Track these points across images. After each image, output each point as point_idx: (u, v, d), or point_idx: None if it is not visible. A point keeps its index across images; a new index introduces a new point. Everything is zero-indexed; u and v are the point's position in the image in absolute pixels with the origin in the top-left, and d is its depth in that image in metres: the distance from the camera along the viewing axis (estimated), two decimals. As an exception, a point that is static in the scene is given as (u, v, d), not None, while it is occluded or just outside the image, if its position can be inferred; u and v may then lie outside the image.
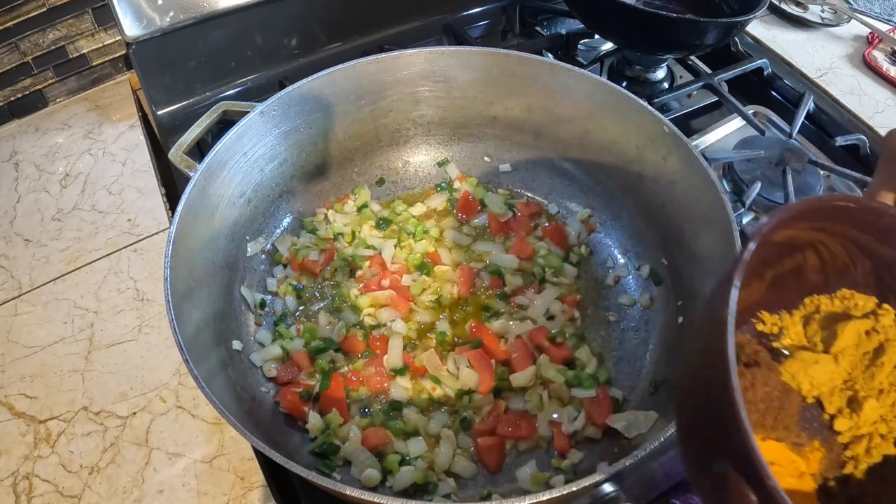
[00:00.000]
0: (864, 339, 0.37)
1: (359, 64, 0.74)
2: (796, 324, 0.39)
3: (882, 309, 0.37)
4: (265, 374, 0.67)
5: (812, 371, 0.37)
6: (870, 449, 0.36)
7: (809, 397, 0.38)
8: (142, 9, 0.85)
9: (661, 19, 0.85)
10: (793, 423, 0.37)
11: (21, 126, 0.96)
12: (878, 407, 0.36)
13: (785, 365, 0.38)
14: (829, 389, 0.37)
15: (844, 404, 0.37)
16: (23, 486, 0.59)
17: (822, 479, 0.36)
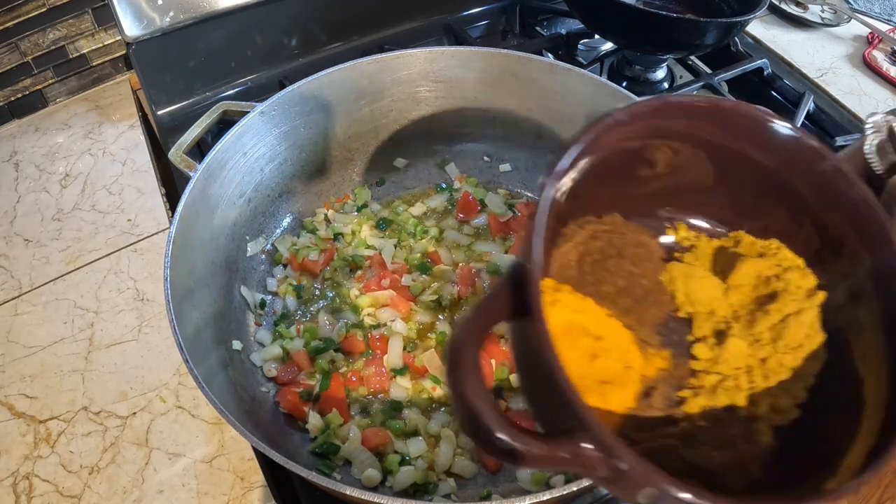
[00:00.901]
0: (763, 283, 0.35)
1: (359, 64, 0.74)
2: (709, 247, 0.38)
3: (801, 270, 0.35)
4: (265, 374, 0.67)
5: (692, 283, 0.36)
6: (717, 389, 0.33)
7: (682, 311, 0.36)
8: (142, 9, 0.85)
9: (661, 19, 0.85)
10: (651, 322, 0.36)
11: (21, 126, 0.95)
12: (747, 354, 0.34)
13: (669, 266, 0.37)
14: (705, 312, 0.36)
15: (712, 334, 0.35)
16: (23, 486, 0.59)
17: (649, 386, 0.34)
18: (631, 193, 0.38)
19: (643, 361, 0.34)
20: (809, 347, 0.34)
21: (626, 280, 0.36)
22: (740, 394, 0.33)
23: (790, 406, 0.33)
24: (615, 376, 0.33)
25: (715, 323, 0.35)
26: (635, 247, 0.37)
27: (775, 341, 0.34)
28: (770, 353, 0.33)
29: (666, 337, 0.36)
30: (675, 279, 0.36)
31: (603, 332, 0.33)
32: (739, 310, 0.35)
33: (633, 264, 0.36)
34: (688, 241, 0.38)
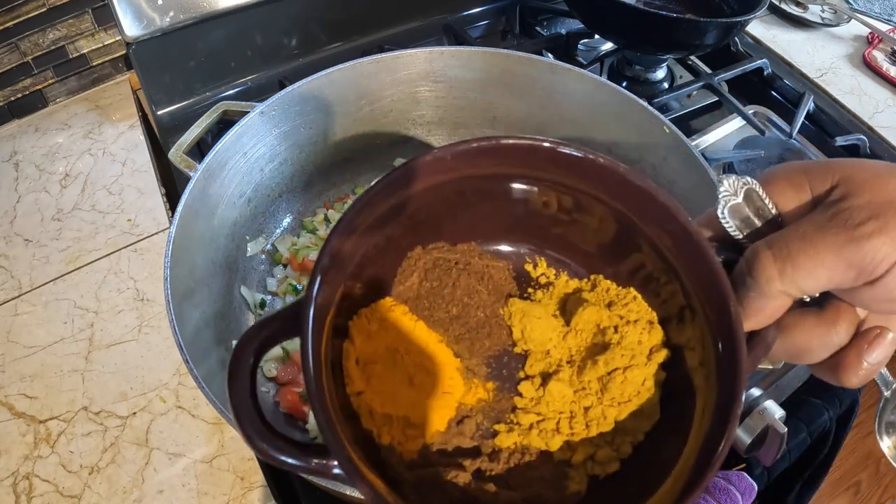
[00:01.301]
0: (600, 332, 0.35)
1: (359, 64, 0.74)
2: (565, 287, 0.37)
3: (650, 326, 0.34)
4: (265, 374, 0.67)
5: (528, 322, 0.36)
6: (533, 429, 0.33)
7: (520, 347, 0.36)
8: (142, 9, 0.85)
9: (661, 19, 0.85)
10: (482, 353, 0.36)
11: (21, 126, 0.95)
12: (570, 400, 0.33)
13: (512, 301, 0.37)
14: (541, 351, 0.35)
15: (539, 374, 0.35)
16: (23, 486, 0.59)
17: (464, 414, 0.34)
18: (488, 225, 0.37)
19: (464, 390, 0.34)
20: (638, 404, 0.33)
21: (460, 309, 0.36)
22: (557, 438, 0.33)
23: (611, 459, 0.33)
24: (430, 399, 0.33)
25: (547, 364, 0.35)
26: (479, 279, 0.37)
27: (601, 392, 0.33)
28: (594, 403, 0.33)
29: (496, 370, 0.36)
30: (514, 315, 0.36)
31: (427, 356, 0.34)
32: (575, 355, 0.35)
33: (469, 295, 0.36)
34: (545, 279, 0.38)
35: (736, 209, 0.31)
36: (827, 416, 0.76)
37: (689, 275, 0.32)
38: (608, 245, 0.36)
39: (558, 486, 0.32)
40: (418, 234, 0.36)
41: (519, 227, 0.38)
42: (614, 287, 0.36)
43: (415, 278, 0.36)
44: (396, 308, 0.35)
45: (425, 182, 0.33)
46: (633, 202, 0.33)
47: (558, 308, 0.37)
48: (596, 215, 0.35)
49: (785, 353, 0.31)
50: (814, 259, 0.27)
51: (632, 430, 0.33)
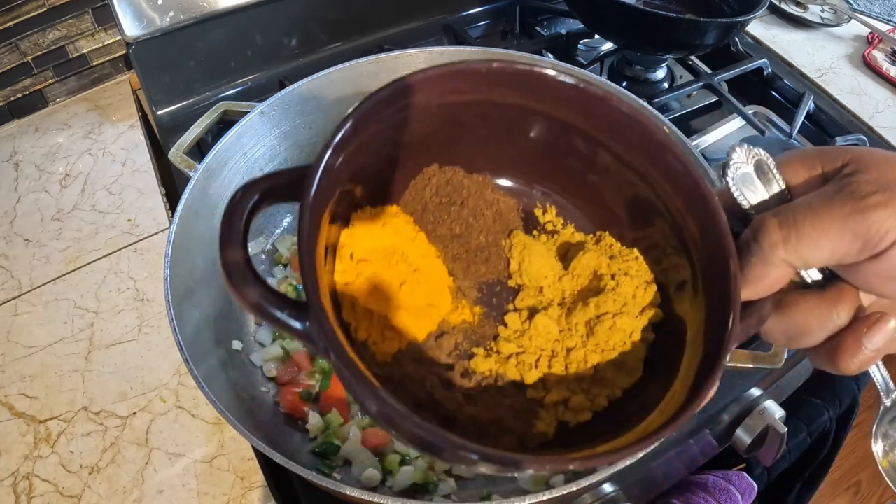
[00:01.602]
0: (597, 278, 0.35)
1: (359, 64, 0.74)
2: (569, 237, 0.38)
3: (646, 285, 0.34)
4: (265, 374, 0.67)
5: (527, 256, 0.36)
6: (510, 360, 0.33)
7: (514, 280, 0.36)
8: (142, 9, 0.85)
9: (661, 19, 0.85)
10: (476, 277, 0.36)
11: (21, 126, 0.95)
12: (554, 339, 0.33)
13: (514, 234, 0.37)
14: (533, 287, 0.35)
15: (527, 309, 0.35)
16: (23, 486, 0.59)
17: (445, 330, 0.34)
18: (506, 160, 0.38)
19: (451, 308, 0.35)
20: (622, 354, 0.33)
21: (463, 228, 0.36)
22: (533, 373, 0.33)
23: (584, 408, 0.33)
24: (415, 307, 0.33)
25: (538, 301, 0.35)
26: (488, 205, 0.37)
27: (587, 336, 0.33)
28: (578, 345, 0.33)
29: (486, 296, 0.36)
30: (515, 247, 0.37)
31: (422, 267, 0.34)
32: (567, 298, 0.35)
33: (475, 217, 0.37)
34: (552, 226, 0.38)
35: (745, 177, 0.31)
36: (827, 416, 0.76)
37: (694, 229, 0.32)
38: (622, 207, 0.37)
39: (526, 421, 0.32)
40: (436, 151, 0.36)
41: (536, 168, 0.38)
42: (618, 245, 0.36)
43: (425, 192, 0.36)
44: (401, 215, 0.35)
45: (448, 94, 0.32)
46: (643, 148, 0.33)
47: (559, 255, 0.37)
48: (616, 172, 0.35)
49: (783, 332, 0.31)
50: (819, 228, 0.27)
51: (611, 383, 0.33)
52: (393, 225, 0.34)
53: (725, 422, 0.68)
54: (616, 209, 0.37)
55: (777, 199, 0.31)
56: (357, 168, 0.32)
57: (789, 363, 0.72)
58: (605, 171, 0.36)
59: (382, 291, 0.32)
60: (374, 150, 0.32)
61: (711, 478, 0.70)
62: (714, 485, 0.69)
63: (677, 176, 0.32)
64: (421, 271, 0.34)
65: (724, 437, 0.69)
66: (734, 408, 0.67)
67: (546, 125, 0.35)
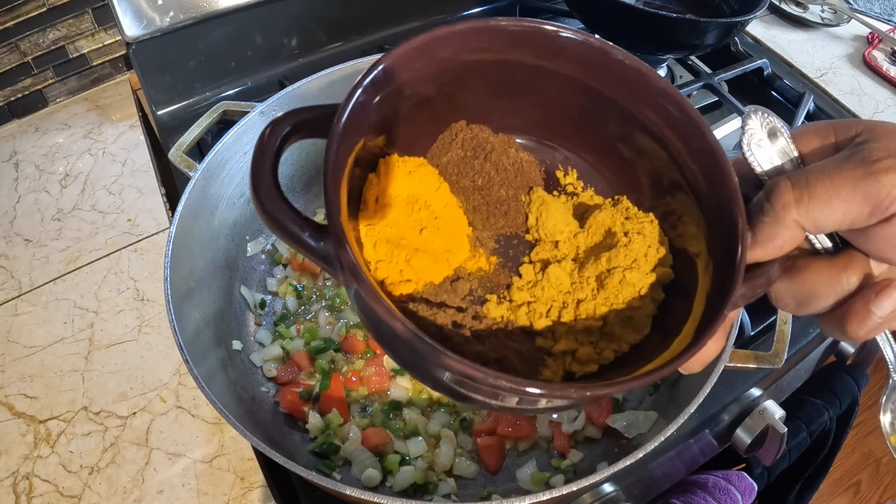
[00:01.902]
0: (610, 235, 0.36)
1: (359, 64, 0.74)
2: (588, 200, 0.39)
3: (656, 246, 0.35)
4: (265, 374, 0.67)
5: (545, 211, 0.37)
6: (523, 307, 0.34)
7: (531, 235, 0.37)
8: (142, 9, 0.85)
9: (661, 19, 0.85)
10: (495, 229, 0.37)
11: (21, 126, 0.95)
12: (564, 291, 0.34)
13: (534, 190, 0.38)
14: (549, 242, 0.36)
15: (541, 261, 0.36)
16: (23, 486, 0.59)
17: (460, 276, 0.35)
18: (531, 119, 0.39)
19: (467, 255, 0.36)
20: (632, 309, 0.34)
21: (485, 181, 0.37)
22: (543, 322, 0.33)
23: (591, 360, 0.33)
24: (433, 252, 0.34)
25: (553, 255, 0.36)
26: (510, 161, 0.38)
27: (597, 290, 0.34)
28: (588, 297, 0.34)
29: (503, 247, 0.37)
30: (534, 202, 0.37)
31: (443, 215, 0.35)
32: (581, 255, 0.36)
33: (497, 171, 0.37)
34: (572, 188, 0.39)
35: (759, 143, 0.32)
36: (827, 416, 0.76)
37: (707, 188, 0.32)
38: (645, 176, 0.37)
39: (532, 367, 0.33)
40: (464, 108, 0.37)
41: (562, 131, 0.39)
42: (634, 208, 0.37)
43: (452, 146, 0.37)
44: (427, 167, 0.36)
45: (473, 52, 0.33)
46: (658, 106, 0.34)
47: (576, 214, 0.38)
48: (643, 144, 0.36)
49: (793, 296, 0.31)
50: (830, 190, 0.28)
51: (618, 338, 0.33)
52: (418, 174, 0.35)
53: (725, 422, 0.68)
54: (637, 177, 0.38)
55: (790, 165, 0.32)
56: (386, 115, 0.33)
57: (789, 363, 0.72)
58: (630, 140, 0.37)
59: (403, 235, 0.33)
60: (403, 100, 0.33)
61: (711, 478, 0.70)
62: (714, 485, 0.69)
63: (692, 140, 0.33)
64: (442, 219, 0.35)
65: (724, 437, 0.69)
66: (734, 408, 0.67)
67: (575, 90, 0.36)
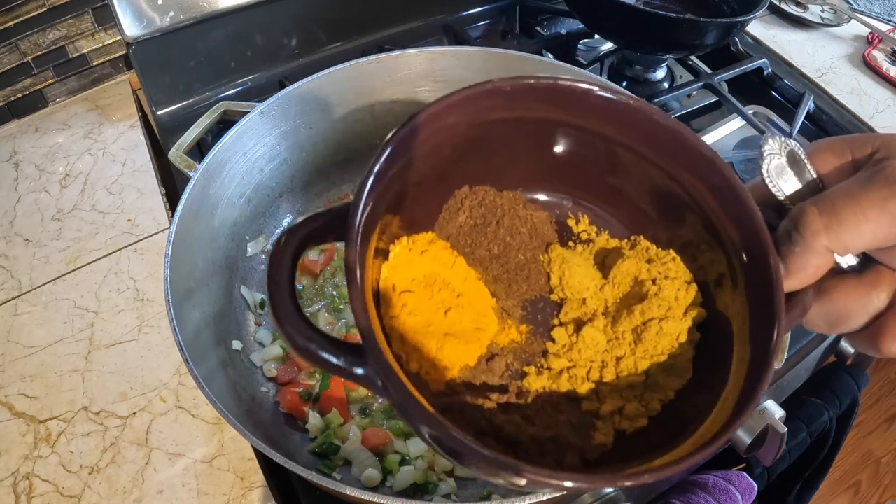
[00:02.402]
0: (638, 284, 0.35)
1: (359, 64, 0.74)
2: (604, 244, 0.38)
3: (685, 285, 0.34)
4: (265, 374, 0.67)
5: (567, 269, 0.36)
6: (563, 373, 0.33)
7: (556, 294, 0.36)
8: (142, 9, 0.85)
9: (661, 19, 0.85)
10: (519, 295, 0.36)
11: (21, 126, 0.95)
12: (602, 349, 0.34)
13: (552, 247, 0.37)
14: (576, 300, 0.36)
15: (573, 322, 0.35)
16: (23, 486, 0.59)
17: (495, 353, 0.34)
18: (535, 174, 0.38)
19: (497, 329, 0.35)
20: (671, 359, 0.33)
21: (501, 249, 0.36)
22: (586, 385, 0.33)
23: (639, 414, 0.33)
24: (463, 333, 0.33)
25: (582, 313, 0.35)
26: (522, 222, 0.37)
27: (635, 343, 0.33)
28: (627, 353, 0.33)
29: (530, 313, 0.36)
30: (554, 261, 0.37)
31: (465, 291, 0.34)
32: (611, 307, 0.35)
33: (511, 235, 0.37)
34: (586, 235, 0.38)
35: (779, 168, 0.32)
36: (827, 416, 0.76)
37: (730, 228, 0.32)
38: (653, 207, 0.37)
39: (584, 435, 0.32)
40: (466, 173, 0.36)
41: (565, 179, 0.38)
42: (654, 248, 0.36)
43: (459, 215, 0.36)
44: (438, 242, 0.35)
45: (478, 114, 0.32)
46: (677, 154, 0.33)
47: (597, 263, 0.37)
48: (643, 175, 0.35)
49: (824, 318, 0.31)
50: (858, 213, 0.28)
51: (662, 387, 0.33)
52: (431, 252, 0.34)
53: (725, 422, 0.67)
54: (647, 210, 0.37)
55: (810, 188, 0.31)
56: (392, 199, 0.32)
57: (789, 363, 0.72)
58: (632, 174, 0.36)
59: (428, 321, 0.32)
60: (406, 179, 0.32)
61: (711, 478, 0.70)
62: (714, 485, 0.69)
63: (709, 176, 0.32)
64: (464, 296, 0.34)
65: (724, 437, 0.69)
66: (734, 408, 0.67)
67: (571, 136, 0.35)
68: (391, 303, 0.32)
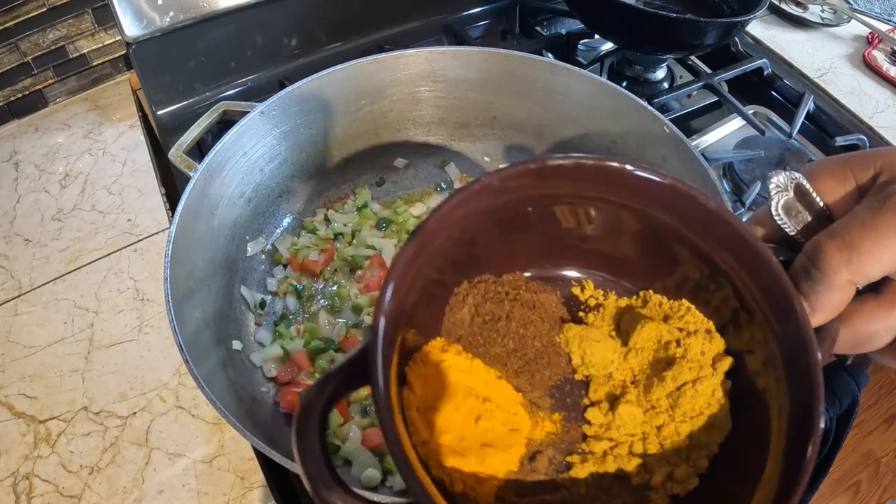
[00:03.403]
0: (662, 347, 0.34)
1: (359, 64, 0.74)
2: (615, 306, 0.37)
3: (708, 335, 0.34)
4: (265, 374, 0.67)
5: (587, 346, 0.35)
6: (608, 455, 0.33)
7: (579, 374, 0.36)
8: (142, 9, 0.85)
9: (661, 19, 0.85)
10: (544, 384, 0.35)
11: (21, 126, 0.96)
12: (641, 421, 0.33)
13: (566, 327, 0.36)
14: (602, 375, 0.35)
15: (606, 399, 0.34)
16: (23, 486, 0.59)
17: (535, 450, 0.33)
18: (531, 251, 0.37)
19: (531, 424, 0.34)
20: (710, 416, 0.33)
21: (517, 342, 0.35)
22: (632, 461, 0.32)
23: (689, 476, 0.32)
24: (499, 439, 0.32)
25: (612, 387, 0.35)
26: (530, 308, 0.36)
27: (672, 409, 0.33)
28: (666, 421, 0.33)
29: (559, 400, 0.35)
30: (571, 341, 0.36)
31: (489, 394, 0.33)
32: (638, 374, 0.35)
33: (524, 326, 0.36)
34: (594, 300, 0.37)
35: (788, 205, 0.32)
36: (827, 416, 0.76)
37: (746, 278, 0.32)
38: (653, 259, 0.36)
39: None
40: (463, 268, 0.35)
41: (561, 250, 0.37)
42: (666, 301, 0.36)
43: (465, 314, 0.35)
44: (450, 348, 0.34)
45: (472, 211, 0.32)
46: (680, 211, 0.32)
47: (613, 328, 0.36)
48: (639, 229, 0.35)
49: (850, 342, 0.31)
50: (876, 243, 0.28)
51: (706, 444, 0.33)
52: (446, 362, 0.33)
53: (725, 422, 0.67)
54: (650, 263, 0.36)
55: (818, 219, 0.32)
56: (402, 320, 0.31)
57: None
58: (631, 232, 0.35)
59: (460, 435, 0.31)
60: (408, 297, 0.31)
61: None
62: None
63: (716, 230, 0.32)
64: (490, 399, 0.33)
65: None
66: (734, 408, 0.67)
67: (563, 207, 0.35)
68: (419, 426, 0.30)
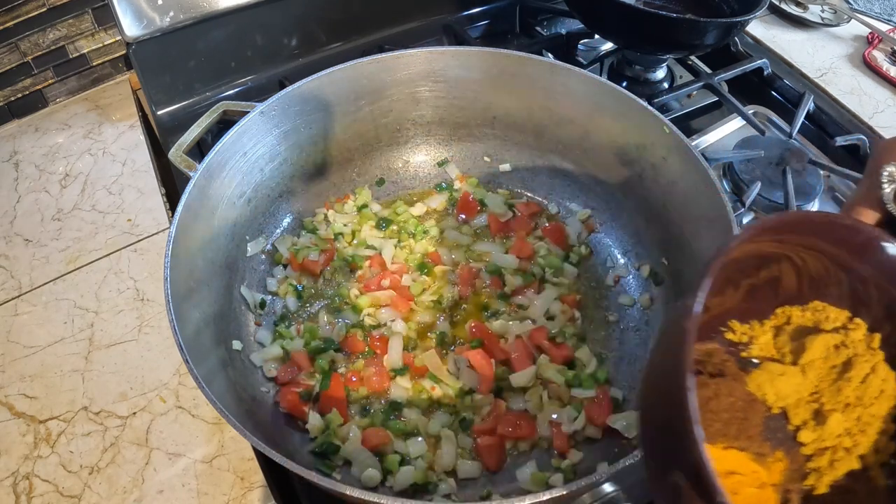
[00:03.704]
0: (833, 352, 0.38)
1: (359, 64, 0.74)
2: (766, 333, 0.40)
3: (853, 323, 0.38)
4: (265, 374, 0.67)
5: (778, 382, 0.38)
6: (833, 462, 0.36)
7: (775, 408, 0.38)
8: (142, 9, 0.85)
9: (661, 19, 0.85)
10: (756, 433, 0.38)
11: (21, 126, 0.96)
12: (844, 420, 0.36)
13: (752, 375, 0.39)
14: (794, 401, 0.38)
15: (810, 416, 0.37)
16: (23, 486, 0.59)
17: (784, 491, 0.36)
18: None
19: (768, 472, 0.37)
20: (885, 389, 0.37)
21: (728, 411, 0.38)
22: (850, 456, 0.36)
23: (887, 442, 0.36)
24: (755, 499, 0.35)
25: (807, 405, 0.38)
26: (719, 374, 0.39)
27: (861, 398, 0.37)
28: (860, 412, 0.36)
29: (772, 438, 0.38)
30: (762, 385, 0.39)
31: (729, 467, 0.36)
32: (820, 384, 0.38)
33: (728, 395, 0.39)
34: (745, 336, 0.40)
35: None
36: None
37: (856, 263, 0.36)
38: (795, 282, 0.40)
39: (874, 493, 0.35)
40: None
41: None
42: (798, 311, 0.39)
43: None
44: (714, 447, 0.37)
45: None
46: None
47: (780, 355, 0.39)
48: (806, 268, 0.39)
49: None
50: None
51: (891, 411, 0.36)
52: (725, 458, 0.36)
53: (725, 422, 0.67)
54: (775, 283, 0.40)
55: None
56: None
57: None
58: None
59: None
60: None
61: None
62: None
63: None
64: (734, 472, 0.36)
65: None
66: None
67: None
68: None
